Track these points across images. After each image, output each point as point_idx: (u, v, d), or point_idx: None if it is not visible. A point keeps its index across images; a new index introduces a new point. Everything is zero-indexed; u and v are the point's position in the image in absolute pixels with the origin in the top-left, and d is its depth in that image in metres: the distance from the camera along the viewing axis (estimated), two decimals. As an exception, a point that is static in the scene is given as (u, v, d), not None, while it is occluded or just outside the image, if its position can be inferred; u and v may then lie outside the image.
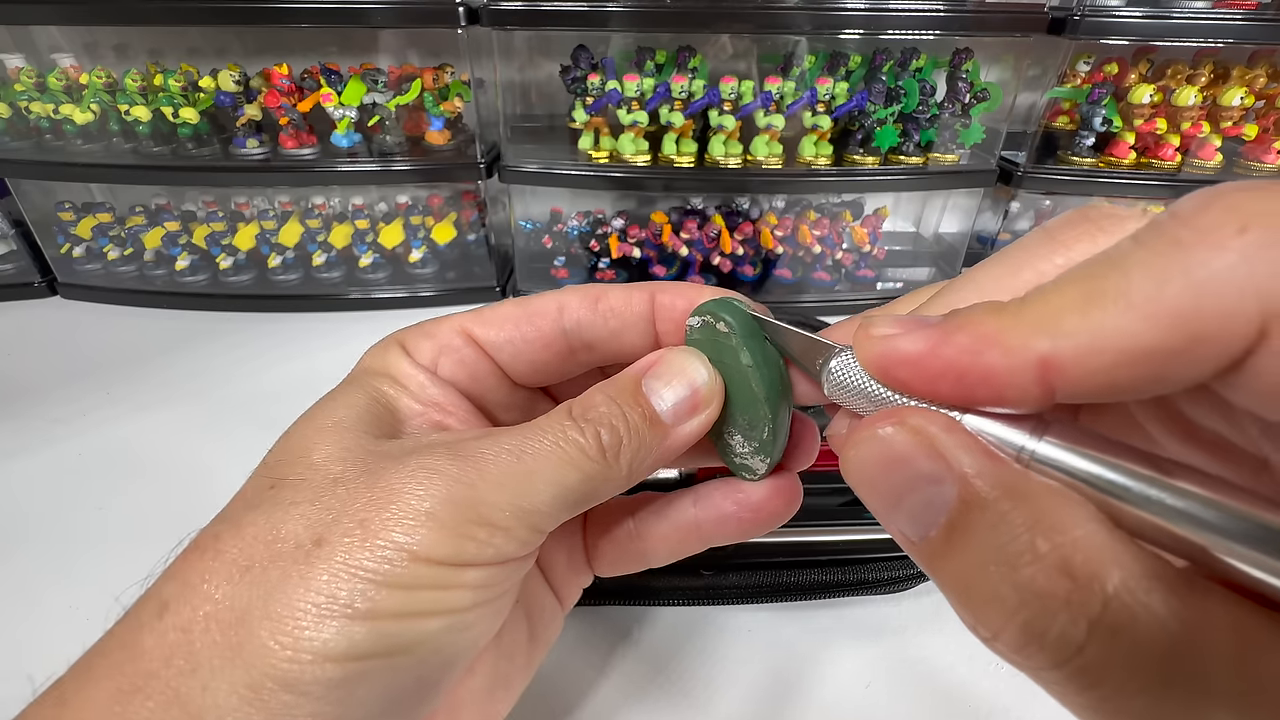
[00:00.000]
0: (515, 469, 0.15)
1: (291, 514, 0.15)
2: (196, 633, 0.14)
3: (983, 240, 0.70)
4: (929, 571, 0.12)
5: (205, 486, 0.41)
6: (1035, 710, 0.29)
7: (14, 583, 0.35)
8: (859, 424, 0.13)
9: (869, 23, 0.54)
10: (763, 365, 0.17)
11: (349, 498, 0.15)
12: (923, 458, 0.12)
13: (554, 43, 0.66)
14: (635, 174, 0.61)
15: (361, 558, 0.14)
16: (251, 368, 0.55)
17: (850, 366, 0.14)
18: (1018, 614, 0.10)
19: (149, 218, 0.66)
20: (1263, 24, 0.53)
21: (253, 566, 0.14)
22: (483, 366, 0.20)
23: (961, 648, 0.31)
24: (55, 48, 0.61)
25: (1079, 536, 0.10)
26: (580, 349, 0.20)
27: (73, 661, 0.15)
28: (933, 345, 0.12)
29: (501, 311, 0.20)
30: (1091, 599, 0.10)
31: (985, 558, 0.11)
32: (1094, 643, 0.09)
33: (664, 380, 0.17)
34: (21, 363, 0.55)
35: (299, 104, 0.59)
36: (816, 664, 0.31)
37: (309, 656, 0.13)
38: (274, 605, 0.14)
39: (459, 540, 0.15)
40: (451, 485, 0.15)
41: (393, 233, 0.65)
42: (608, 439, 0.16)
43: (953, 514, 0.11)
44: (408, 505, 0.15)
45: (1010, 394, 0.11)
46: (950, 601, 0.12)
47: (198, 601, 0.14)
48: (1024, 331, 0.11)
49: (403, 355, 0.19)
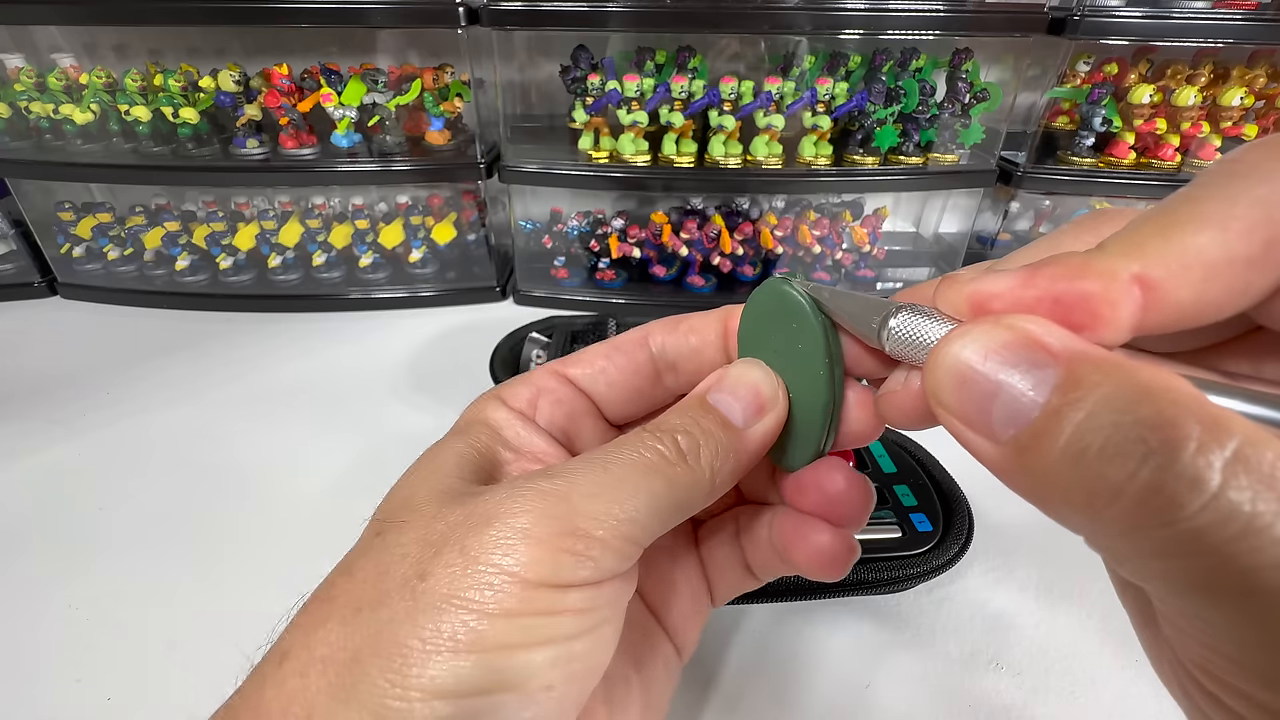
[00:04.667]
0: (603, 479, 0.16)
1: (396, 554, 0.15)
2: (313, 677, 0.14)
3: (982, 240, 0.70)
4: (1019, 466, 0.11)
5: (206, 486, 0.42)
6: (1035, 710, 0.29)
7: (14, 583, 0.35)
8: (949, 334, 0.12)
9: (869, 23, 0.54)
10: (813, 344, 0.18)
11: (448, 531, 0.15)
12: (1020, 345, 0.11)
13: (554, 43, 0.66)
14: (635, 174, 0.61)
15: (464, 586, 0.14)
16: (251, 368, 0.55)
17: (915, 322, 0.14)
18: (1144, 465, 0.09)
19: (149, 218, 0.66)
20: (1263, 24, 0.53)
21: (363, 608, 0.14)
22: (579, 404, 0.21)
23: (962, 648, 0.31)
24: (55, 48, 0.61)
25: (1191, 393, 0.10)
26: (666, 370, 0.21)
27: (89, 667, 0.15)
28: (1024, 278, 0.12)
29: (591, 350, 0.21)
30: (1223, 435, 0.09)
31: (1100, 421, 0.10)
32: (1230, 482, 0.09)
33: (727, 391, 0.18)
34: (21, 363, 0.55)
35: (299, 104, 0.59)
36: (816, 664, 0.31)
37: (417, 694, 0.13)
38: (383, 643, 0.14)
39: (557, 556, 0.15)
40: (544, 500, 0.15)
41: (393, 233, 0.65)
42: (685, 443, 0.17)
43: (1060, 384, 0.11)
44: (505, 524, 0.15)
45: (1108, 315, 0.11)
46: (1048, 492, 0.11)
47: (314, 646, 0.14)
48: (1113, 259, 0.11)
49: (500, 404, 0.20)
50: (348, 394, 0.51)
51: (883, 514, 0.34)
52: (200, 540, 0.37)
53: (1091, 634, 0.32)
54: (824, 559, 0.19)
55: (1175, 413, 0.09)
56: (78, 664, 0.31)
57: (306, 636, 0.14)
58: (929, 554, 0.32)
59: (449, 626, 0.14)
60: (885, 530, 0.33)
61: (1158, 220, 0.11)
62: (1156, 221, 0.11)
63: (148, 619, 0.33)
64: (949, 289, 0.13)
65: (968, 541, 0.33)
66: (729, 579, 0.22)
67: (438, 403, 0.50)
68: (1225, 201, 0.11)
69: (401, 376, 0.54)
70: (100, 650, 0.31)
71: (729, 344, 0.21)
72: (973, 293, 0.13)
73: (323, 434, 0.47)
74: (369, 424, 0.48)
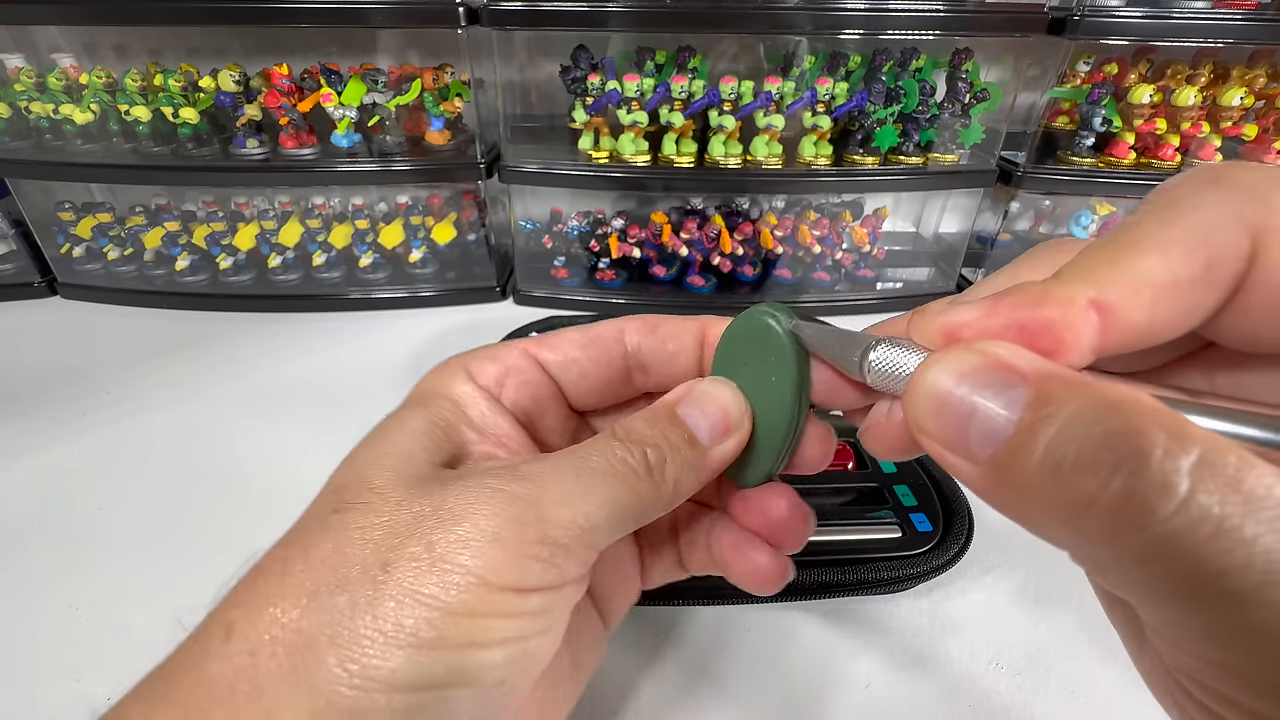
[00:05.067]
0: (573, 487, 0.16)
1: (356, 538, 0.15)
2: (263, 657, 0.13)
3: (982, 240, 0.70)
4: (1000, 484, 0.12)
5: (206, 486, 0.42)
6: (1035, 710, 0.29)
7: (14, 583, 0.35)
8: (924, 362, 0.13)
9: (869, 23, 0.54)
10: (784, 376, 0.18)
11: (414, 522, 0.15)
12: (991, 369, 0.12)
13: (554, 43, 0.66)
14: (635, 174, 0.61)
15: (428, 583, 0.14)
16: (251, 368, 0.55)
17: (892, 354, 0.15)
18: (1116, 474, 0.10)
19: (149, 218, 0.66)
20: (1263, 24, 0.53)
21: (319, 591, 0.14)
22: (545, 389, 0.21)
23: (962, 647, 0.31)
24: (55, 48, 0.61)
25: (1154, 404, 0.10)
26: (637, 370, 0.21)
27: (89, 667, 0.15)
28: (989, 307, 0.13)
29: (566, 336, 0.21)
30: (1187, 442, 0.09)
31: (1071, 433, 0.10)
32: (1199, 487, 0.09)
33: (697, 407, 0.19)
34: (21, 363, 0.55)
35: (299, 104, 0.59)
36: (816, 664, 0.31)
37: (375, 685, 0.13)
38: (341, 632, 0.14)
39: (523, 562, 0.15)
40: (515, 504, 0.15)
41: (393, 233, 0.65)
42: (654, 457, 0.17)
43: (1032, 401, 0.11)
44: (474, 525, 0.15)
45: (1070, 339, 0.12)
46: (1029, 507, 0.11)
47: (264, 625, 0.14)
48: (1069, 286, 0.12)
49: (466, 378, 0.20)
50: (348, 394, 0.51)
51: (883, 514, 0.34)
52: (200, 540, 0.37)
53: (1091, 634, 0.32)
54: (760, 576, 0.20)
55: (1141, 423, 0.10)
56: (78, 664, 0.30)
57: (256, 614, 0.14)
58: (929, 554, 0.32)
59: (411, 621, 0.14)
60: (885, 530, 0.33)
61: (1106, 249, 0.12)
62: (1105, 250, 0.12)
63: (148, 619, 0.33)
64: (921, 321, 0.14)
65: (967, 542, 0.33)
66: (662, 568, 0.23)
67: (438, 403, 0.50)
68: (1165, 228, 0.12)
69: (401, 376, 0.54)
70: (100, 650, 0.31)
71: (704, 354, 0.21)
72: (943, 324, 0.13)
73: (323, 434, 0.46)
74: (369, 424, 0.47)
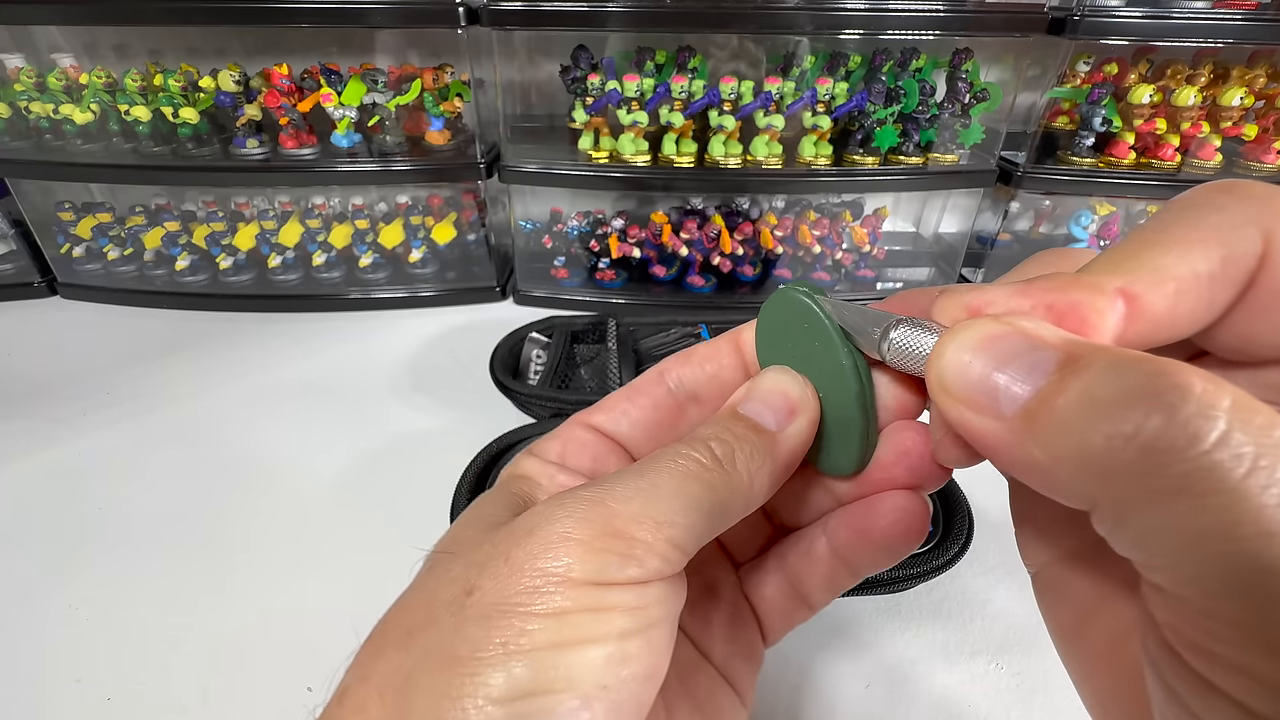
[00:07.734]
0: (639, 484, 0.16)
1: (444, 578, 0.15)
2: (372, 708, 0.14)
3: (982, 240, 0.70)
4: (1029, 436, 0.12)
5: (205, 486, 0.42)
6: (1035, 711, 0.29)
7: (14, 583, 0.35)
8: (953, 328, 0.14)
9: (869, 23, 0.54)
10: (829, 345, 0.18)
11: (492, 549, 0.15)
12: (1019, 334, 0.12)
13: (554, 43, 0.66)
14: (635, 174, 0.61)
15: (511, 593, 0.14)
16: (251, 368, 0.55)
17: (914, 334, 0.15)
18: (1158, 405, 0.10)
19: (149, 218, 0.66)
20: (1263, 24, 0.53)
21: (414, 630, 0.15)
22: (603, 447, 0.21)
23: (961, 648, 0.31)
24: (55, 48, 0.61)
25: (1184, 364, 0.11)
26: (688, 402, 0.22)
27: (89, 667, 0.15)
28: (1018, 290, 0.13)
29: (611, 396, 0.22)
30: (1224, 386, 0.10)
31: (1107, 377, 0.11)
32: (1235, 425, 0.10)
33: (756, 400, 0.18)
34: (21, 363, 0.55)
35: (299, 104, 0.59)
36: (816, 664, 0.31)
37: (472, 701, 0.13)
38: (433, 659, 0.14)
39: (600, 555, 0.15)
40: (581, 505, 0.15)
41: (393, 233, 0.65)
42: (720, 450, 0.17)
43: (1062, 360, 0.12)
44: (546, 531, 0.15)
45: (1096, 321, 0.12)
46: (1060, 455, 0.11)
47: (370, 677, 0.14)
48: (1099, 275, 0.13)
49: (533, 458, 0.21)
50: (348, 394, 0.51)
51: (883, 514, 0.34)
52: (200, 540, 0.37)
53: (1091, 634, 0.32)
54: (908, 519, 0.19)
55: (1176, 368, 0.10)
56: (78, 664, 0.31)
57: (363, 670, 0.15)
58: (929, 554, 0.32)
59: (498, 632, 0.14)
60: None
61: (1130, 246, 0.13)
62: (1130, 246, 0.13)
63: (148, 619, 0.33)
64: (947, 300, 0.14)
65: (967, 541, 0.33)
66: (781, 612, 0.22)
67: (437, 403, 0.50)
68: (1187, 227, 0.13)
69: (401, 376, 0.54)
70: (100, 650, 0.31)
71: (746, 362, 0.21)
72: (970, 301, 0.14)
73: (323, 433, 0.47)
74: (369, 423, 0.48)
